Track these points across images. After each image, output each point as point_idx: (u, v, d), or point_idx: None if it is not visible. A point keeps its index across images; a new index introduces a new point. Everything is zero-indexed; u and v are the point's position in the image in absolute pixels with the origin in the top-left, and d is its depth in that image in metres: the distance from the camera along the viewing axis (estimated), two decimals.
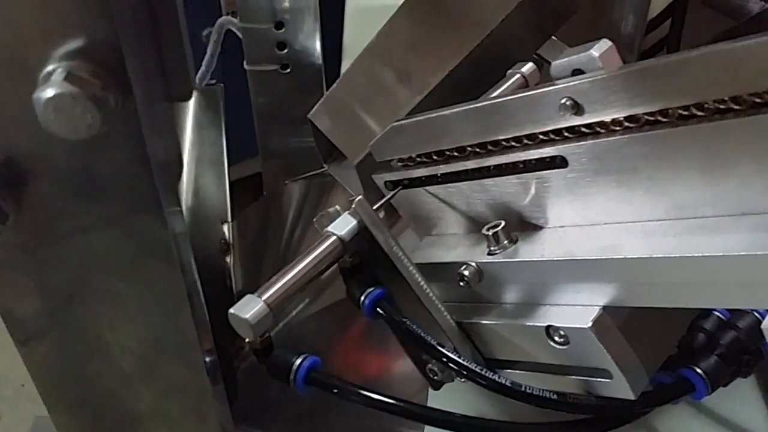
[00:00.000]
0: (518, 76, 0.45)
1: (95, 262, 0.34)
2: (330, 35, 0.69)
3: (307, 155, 0.64)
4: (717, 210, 0.28)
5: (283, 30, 0.68)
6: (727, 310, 0.35)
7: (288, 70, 0.69)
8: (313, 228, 0.40)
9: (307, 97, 0.67)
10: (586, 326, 0.31)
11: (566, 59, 0.31)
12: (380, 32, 0.54)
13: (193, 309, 0.37)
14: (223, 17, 0.74)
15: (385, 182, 0.41)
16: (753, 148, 0.26)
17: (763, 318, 0.28)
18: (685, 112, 0.28)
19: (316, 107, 0.54)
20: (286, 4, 0.67)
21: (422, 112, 0.38)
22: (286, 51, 0.69)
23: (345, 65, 0.66)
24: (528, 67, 0.45)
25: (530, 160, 0.33)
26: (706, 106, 0.27)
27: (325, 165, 0.57)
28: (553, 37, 0.52)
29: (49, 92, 0.27)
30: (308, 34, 0.69)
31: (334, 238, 0.36)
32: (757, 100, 0.26)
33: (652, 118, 0.29)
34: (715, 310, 0.36)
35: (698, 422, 0.43)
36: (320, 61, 0.68)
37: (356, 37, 0.67)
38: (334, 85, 0.55)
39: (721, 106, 0.26)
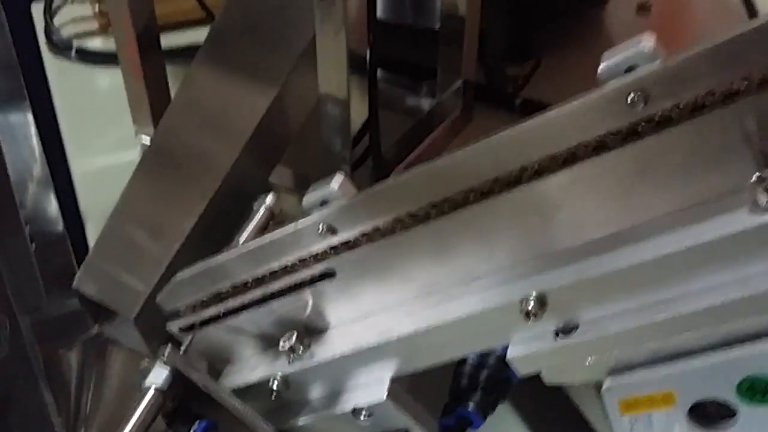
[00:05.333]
0: (263, 209, 0.52)
1: None
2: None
3: (75, 320, 0.65)
4: (453, 281, 0.37)
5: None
6: (476, 354, 0.45)
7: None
8: (105, 390, 0.43)
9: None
10: (383, 399, 0.39)
11: (313, 192, 0.39)
12: (124, 194, 0.58)
13: None
14: None
15: (179, 329, 0.45)
16: (462, 235, 0.36)
17: (503, 352, 0.36)
18: (409, 219, 0.37)
19: (78, 275, 0.57)
20: None
21: (202, 261, 0.43)
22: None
23: (90, 229, 0.69)
24: (270, 198, 0.53)
25: (305, 279, 0.40)
26: (416, 215, 0.36)
27: (97, 326, 0.60)
28: None
29: None
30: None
31: (152, 391, 0.40)
32: (447, 205, 0.35)
33: (388, 227, 0.37)
34: (467, 358, 0.45)
35: None
36: (61, 228, 0.70)
37: (94, 201, 0.70)
38: (91, 251, 0.58)
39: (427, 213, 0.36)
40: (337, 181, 0.39)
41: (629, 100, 0.30)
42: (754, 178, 0.28)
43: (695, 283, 0.30)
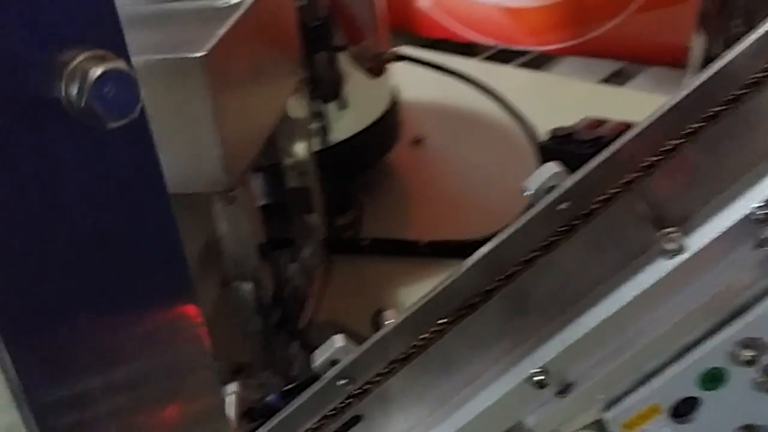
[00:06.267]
0: (235, 399, 0.57)
1: None
2: None
3: None
4: (463, 384, 0.46)
5: None
6: None
7: None
8: None
9: None
10: None
11: (322, 358, 0.46)
12: None
13: None
14: None
15: None
16: (459, 348, 0.45)
17: None
18: (413, 349, 0.45)
19: None
20: None
21: None
22: None
23: None
24: (235, 386, 0.58)
25: (336, 430, 0.46)
26: (416, 345, 0.45)
27: None
28: None
29: None
30: None
31: None
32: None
33: (397, 362, 0.45)
34: None
35: None
36: None
37: None
38: None
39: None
40: (339, 340, 0.46)
41: (559, 208, 0.42)
42: (658, 234, 0.41)
43: (645, 320, 0.42)
